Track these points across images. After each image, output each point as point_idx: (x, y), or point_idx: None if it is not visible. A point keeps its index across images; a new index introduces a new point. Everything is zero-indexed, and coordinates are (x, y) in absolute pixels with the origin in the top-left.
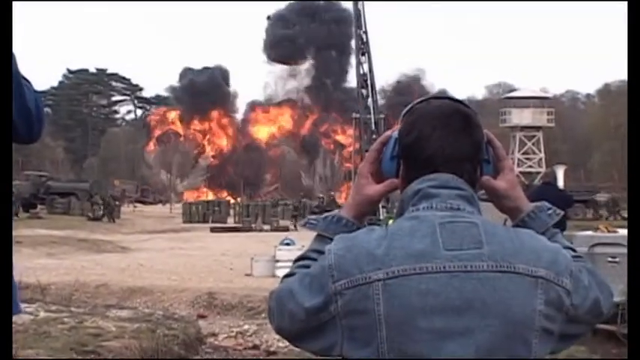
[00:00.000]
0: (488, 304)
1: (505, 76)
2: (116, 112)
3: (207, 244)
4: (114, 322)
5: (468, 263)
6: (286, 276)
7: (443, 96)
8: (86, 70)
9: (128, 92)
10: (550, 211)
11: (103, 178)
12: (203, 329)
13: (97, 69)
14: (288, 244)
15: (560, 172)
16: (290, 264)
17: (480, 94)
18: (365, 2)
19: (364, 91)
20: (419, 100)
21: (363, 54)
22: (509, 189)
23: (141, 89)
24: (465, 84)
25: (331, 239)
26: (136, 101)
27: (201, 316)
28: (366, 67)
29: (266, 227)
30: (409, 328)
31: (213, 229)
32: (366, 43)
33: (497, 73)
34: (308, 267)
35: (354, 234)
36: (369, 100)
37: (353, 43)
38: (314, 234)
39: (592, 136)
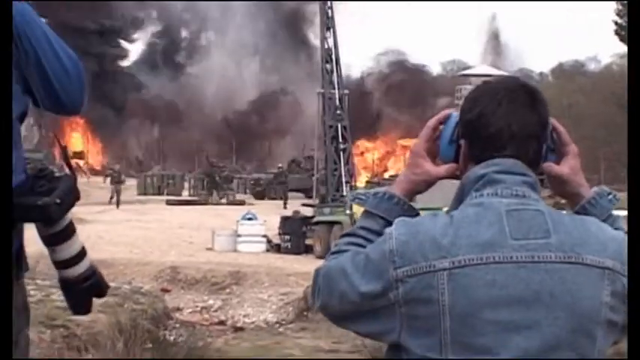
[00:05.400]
0: (556, 296)
1: (459, 54)
2: None
3: (164, 216)
4: None
5: (536, 253)
6: (334, 252)
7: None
8: None
9: None
10: (610, 197)
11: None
12: (167, 303)
13: None
14: (250, 219)
15: None
16: (252, 238)
17: (434, 70)
18: None
19: (328, 66)
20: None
21: (328, 29)
22: (572, 174)
23: None
24: (420, 59)
25: (381, 217)
26: None
27: (165, 290)
28: (330, 41)
29: (222, 201)
30: (474, 319)
31: (168, 202)
32: (331, 18)
33: (451, 50)
34: (359, 245)
35: (417, 219)
36: (334, 75)
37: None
38: (271, 209)
39: None
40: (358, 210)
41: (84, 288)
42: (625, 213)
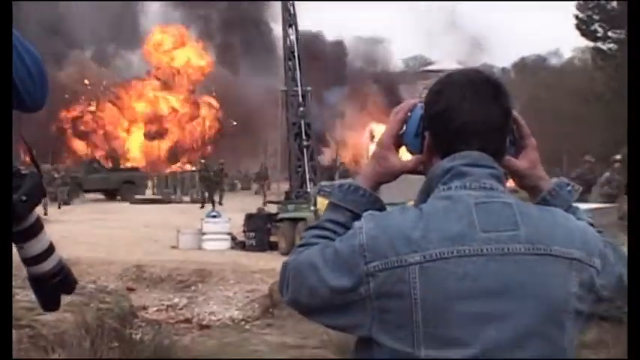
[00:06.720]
0: (526, 287)
1: (421, 50)
2: None
3: (128, 215)
4: None
5: (505, 245)
6: (301, 245)
7: (468, 68)
8: None
9: None
10: (569, 188)
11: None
12: (133, 302)
13: None
14: (214, 217)
15: None
16: (216, 236)
17: (396, 67)
18: None
19: (291, 63)
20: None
21: (290, 26)
22: (530, 168)
23: None
24: (382, 56)
25: (348, 210)
26: None
27: (131, 289)
28: (293, 38)
29: (186, 199)
30: (446, 312)
31: (133, 201)
32: (293, 15)
33: (414, 46)
34: (327, 238)
35: (385, 213)
36: (297, 72)
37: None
38: (237, 207)
39: None
40: (323, 206)
41: (54, 283)
42: (587, 206)
